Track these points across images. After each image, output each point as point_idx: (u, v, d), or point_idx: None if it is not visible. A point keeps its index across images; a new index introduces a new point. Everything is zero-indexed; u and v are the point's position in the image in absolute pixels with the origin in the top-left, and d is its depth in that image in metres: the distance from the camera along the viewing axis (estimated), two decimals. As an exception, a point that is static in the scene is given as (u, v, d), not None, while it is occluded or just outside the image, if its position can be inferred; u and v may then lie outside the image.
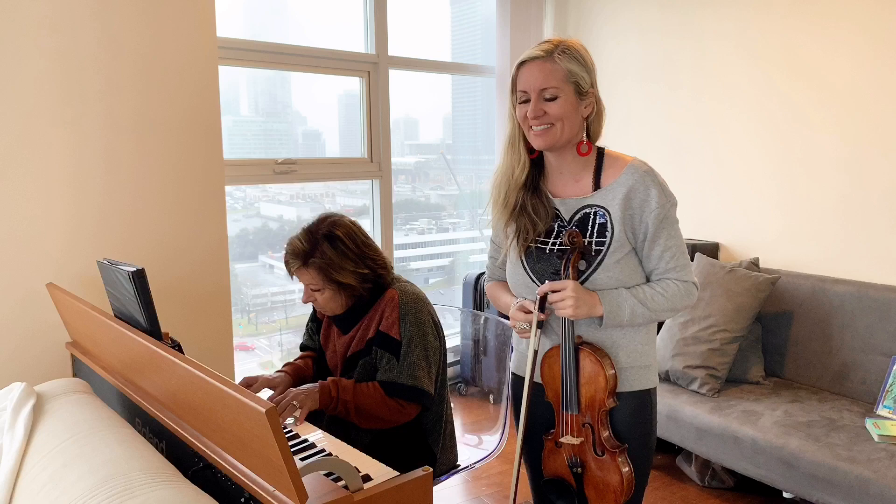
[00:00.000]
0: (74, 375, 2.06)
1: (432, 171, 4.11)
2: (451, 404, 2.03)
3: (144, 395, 1.53)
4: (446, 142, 4.14)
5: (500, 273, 1.73)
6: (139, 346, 1.41)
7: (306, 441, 1.58)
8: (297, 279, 1.83)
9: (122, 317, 1.71)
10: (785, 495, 2.43)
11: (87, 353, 1.91)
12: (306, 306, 1.96)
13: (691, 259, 1.80)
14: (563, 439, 1.54)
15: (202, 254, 2.46)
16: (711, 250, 3.31)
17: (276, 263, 3.39)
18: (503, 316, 1.95)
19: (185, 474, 1.26)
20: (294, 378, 1.94)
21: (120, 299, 1.69)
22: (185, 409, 1.32)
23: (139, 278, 1.53)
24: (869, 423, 2.36)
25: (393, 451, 1.82)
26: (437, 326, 1.89)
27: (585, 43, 3.84)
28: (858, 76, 2.79)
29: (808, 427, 2.37)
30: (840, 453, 2.19)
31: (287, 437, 1.41)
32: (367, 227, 3.56)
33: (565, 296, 1.44)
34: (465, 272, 3.87)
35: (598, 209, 1.50)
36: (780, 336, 2.90)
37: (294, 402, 1.67)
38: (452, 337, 3.96)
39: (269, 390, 1.86)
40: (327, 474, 1.22)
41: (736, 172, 3.27)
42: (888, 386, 2.48)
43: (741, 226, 3.28)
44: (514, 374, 1.74)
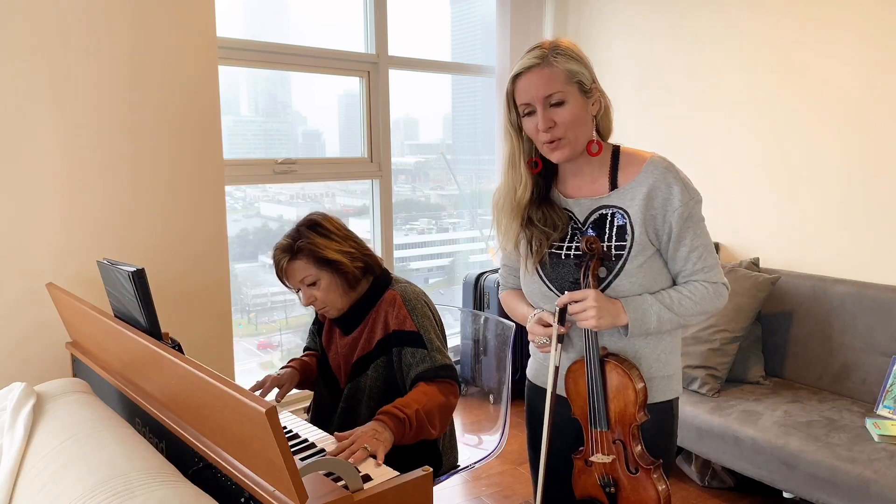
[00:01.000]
0: (74, 375, 2.06)
1: (432, 171, 4.11)
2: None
3: (144, 395, 1.53)
4: (446, 142, 4.14)
5: (514, 281, 1.65)
6: (139, 346, 1.41)
7: (306, 441, 1.58)
8: (291, 282, 1.82)
9: (122, 317, 1.71)
10: (785, 495, 2.43)
11: (87, 353, 1.91)
12: (306, 307, 1.96)
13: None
14: (593, 458, 1.45)
15: (202, 253, 2.46)
16: (711, 250, 3.30)
17: (275, 263, 3.38)
18: (504, 316, 1.94)
19: (185, 474, 1.25)
20: (301, 372, 1.94)
21: (120, 299, 1.69)
22: (185, 409, 1.32)
23: (139, 278, 1.53)
24: (869, 423, 2.36)
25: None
26: (436, 314, 1.92)
27: (586, 43, 3.87)
28: (854, 76, 2.79)
29: (808, 427, 2.37)
30: (840, 453, 2.19)
31: (287, 437, 1.41)
32: (367, 227, 3.58)
33: (587, 306, 1.35)
34: (465, 272, 3.87)
35: (615, 210, 1.42)
36: (780, 336, 2.90)
37: (365, 447, 1.43)
38: (452, 337, 3.95)
39: (276, 388, 1.86)
40: (327, 474, 1.23)
41: (736, 172, 3.27)
42: (888, 386, 2.48)
43: (741, 226, 3.28)
44: (531, 383, 1.64)
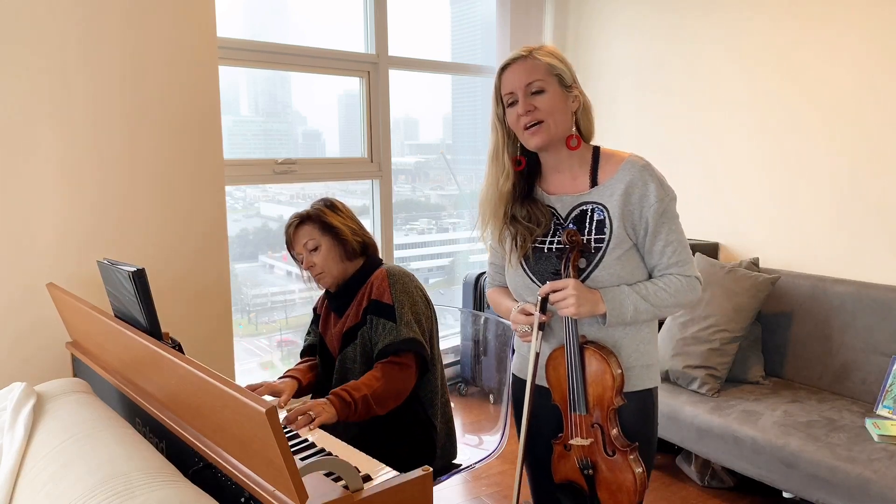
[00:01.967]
0: (74, 375, 2.06)
1: (432, 171, 4.11)
2: (451, 403, 2.03)
3: (144, 395, 1.53)
4: (446, 142, 4.14)
5: (500, 279, 1.73)
6: (139, 346, 1.41)
7: (306, 441, 1.58)
8: (296, 249, 1.93)
9: (122, 317, 1.71)
10: (785, 495, 2.43)
11: (87, 353, 1.91)
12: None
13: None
14: (572, 441, 1.52)
15: (202, 253, 2.46)
16: (711, 250, 3.31)
17: (276, 263, 3.39)
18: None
19: (185, 474, 1.26)
20: (300, 381, 1.95)
21: (120, 299, 1.69)
22: (185, 409, 1.32)
23: (139, 278, 1.53)
24: (869, 423, 2.36)
25: (395, 426, 1.85)
26: (426, 298, 1.95)
27: (586, 43, 3.88)
28: (854, 76, 2.79)
29: (808, 427, 2.37)
30: (840, 453, 2.19)
31: (287, 437, 1.41)
32: (367, 227, 3.58)
33: (567, 294, 1.43)
34: (465, 272, 3.87)
35: (595, 206, 1.51)
36: (780, 336, 2.90)
37: (310, 413, 1.64)
38: (452, 337, 3.96)
39: (270, 396, 1.86)
40: (327, 474, 1.23)
41: (736, 172, 3.27)
42: (888, 386, 2.48)
43: (741, 226, 3.28)
44: (515, 377, 1.73)
